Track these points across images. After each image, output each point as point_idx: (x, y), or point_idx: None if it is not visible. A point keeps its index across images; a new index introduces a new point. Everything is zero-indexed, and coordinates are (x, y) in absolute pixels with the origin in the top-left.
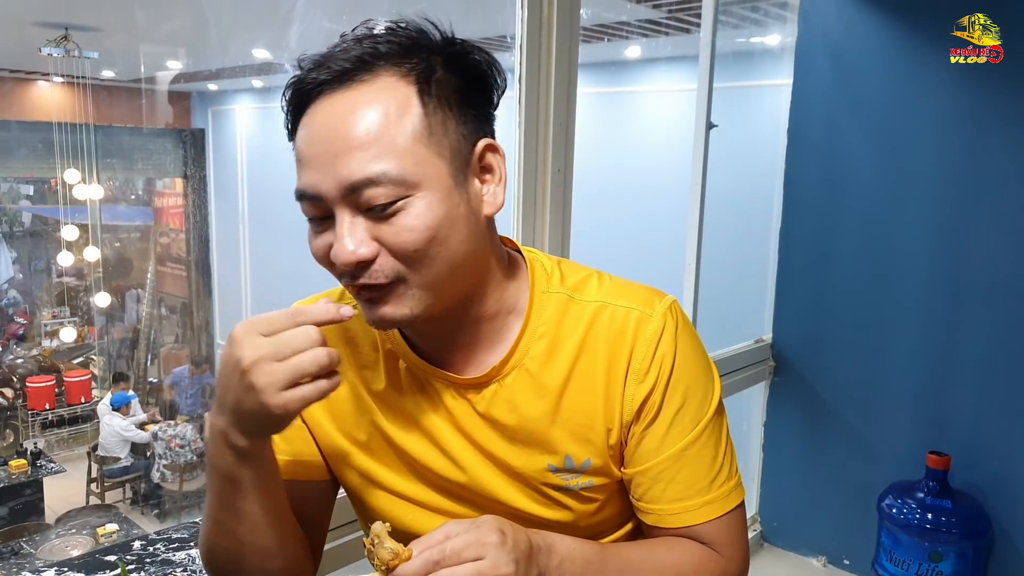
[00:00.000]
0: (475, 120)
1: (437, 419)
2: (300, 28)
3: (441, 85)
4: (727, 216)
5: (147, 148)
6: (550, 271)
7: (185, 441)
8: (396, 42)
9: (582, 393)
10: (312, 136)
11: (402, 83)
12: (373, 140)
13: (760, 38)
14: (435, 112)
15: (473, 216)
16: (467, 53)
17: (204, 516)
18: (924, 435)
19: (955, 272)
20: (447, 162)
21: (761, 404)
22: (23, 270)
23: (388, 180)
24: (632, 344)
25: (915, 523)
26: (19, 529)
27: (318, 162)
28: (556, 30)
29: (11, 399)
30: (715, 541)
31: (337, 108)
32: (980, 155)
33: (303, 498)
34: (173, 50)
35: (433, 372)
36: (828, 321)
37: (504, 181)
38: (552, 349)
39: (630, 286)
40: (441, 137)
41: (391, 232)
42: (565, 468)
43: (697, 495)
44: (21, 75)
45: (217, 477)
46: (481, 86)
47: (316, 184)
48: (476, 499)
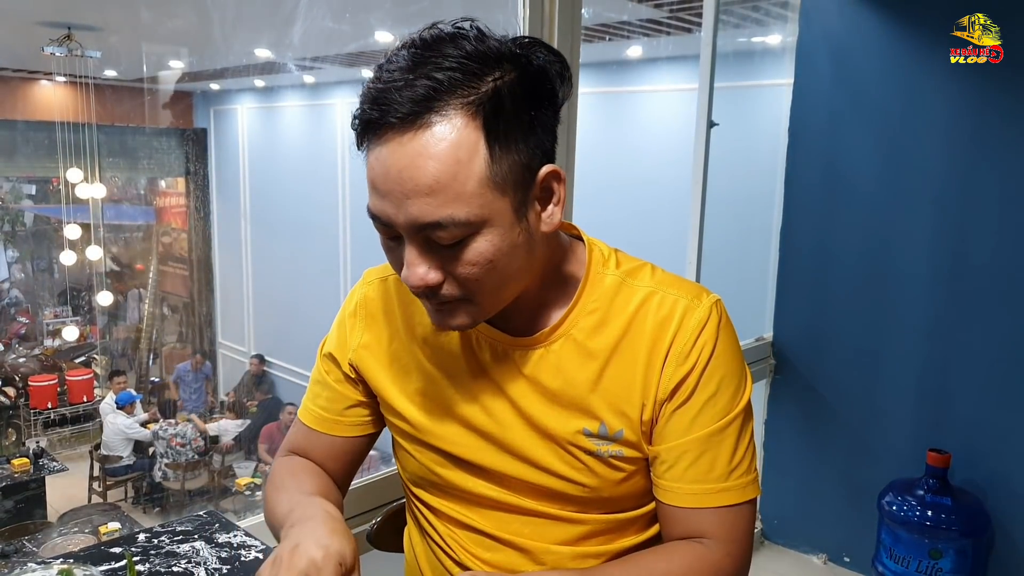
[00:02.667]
0: (537, 143)
1: (484, 377)
2: (302, 27)
3: (507, 115)
4: (728, 215)
5: (149, 147)
6: (607, 256)
7: (186, 440)
8: (458, 69)
9: (623, 367)
10: (387, 174)
11: (470, 126)
12: (442, 188)
13: (761, 38)
14: (502, 152)
15: (532, 239)
16: (531, 59)
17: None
18: (924, 433)
19: (955, 270)
20: (510, 198)
21: (762, 402)
22: (25, 269)
23: (453, 224)
24: (676, 329)
25: (915, 520)
26: (21, 528)
27: (391, 198)
28: (558, 28)
29: (13, 398)
30: (718, 534)
31: (408, 151)
32: (980, 154)
33: (340, 449)
34: (176, 49)
35: (488, 332)
36: (828, 319)
37: (563, 203)
38: (601, 324)
39: (681, 280)
40: (506, 175)
41: (456, 265)
42: (599, 434)
43: (715, 481)
44: (24, 74)
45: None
46: (547, 95)
47: (388, 216)
48: (508, 454)
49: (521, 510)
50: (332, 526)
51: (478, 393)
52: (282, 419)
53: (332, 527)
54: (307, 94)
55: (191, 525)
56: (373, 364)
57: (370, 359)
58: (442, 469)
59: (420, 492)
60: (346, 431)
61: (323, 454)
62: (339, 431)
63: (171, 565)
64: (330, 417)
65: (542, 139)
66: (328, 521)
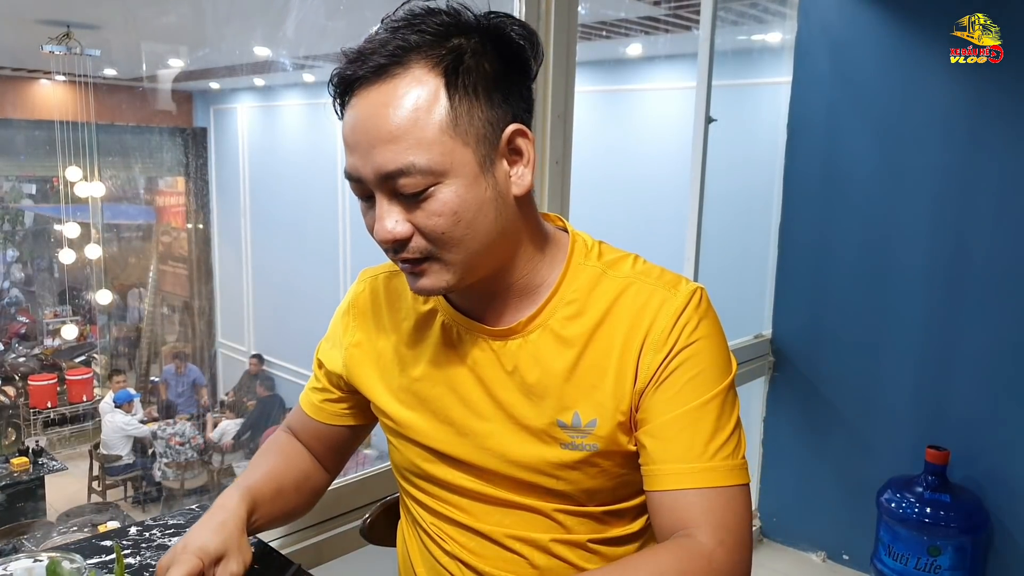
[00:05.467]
0: (504, 104)
1: (463, 370)
2: (301, 26)
3: (469, 73)
4: (727, 212)
5: (149, 146)
6: (590, 247)
7: (185, 439)
8: (428, 31)
9: (598, 355)
10: (354, 125)
11: (431, 75)
12: (402, 133)
13: (760, 35)
14: (462, 102)
15: (501, 198)
16: (501, 30)
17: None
18: (923, 430)
19: (953, 268)
20: (472, 150)
21: (761, 399)
22: (25, 269)
23: (416, 171)
24: (653, 317)
25: (914, 517)
26: (20, 526)
27: (359, 150)
28: (554, 23)
29: (13, 397)
30: (707, 520)
31: (373, 101)
32: (979, 153)
33: (325, 435)
34: (175, 48)
35: (466, 323)
36: (827, 316)
37: (532, 164)
38: (578, 313)
39: (662, 270)
40: (467, 126)
41: (422, 216)
42: (572, 426)
43: (696, 459)
44: (23, 73)
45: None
46: (515, 66)
47: (358, 169)
48: (485, 448)
49: (502, 502)
50: (212, 520)
51: (458, 386)
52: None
53: (210, 522)
54: (307, 93)
55: (183, 518)
56: (363, 361)
57: (361, 356)
58: (425, 463)
59: (407, 485)
60: (329, 419)
61: (310, 436)
62: (323, 418)
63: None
64: (317, 404)
65: (509, 100)
66: (213, 514)
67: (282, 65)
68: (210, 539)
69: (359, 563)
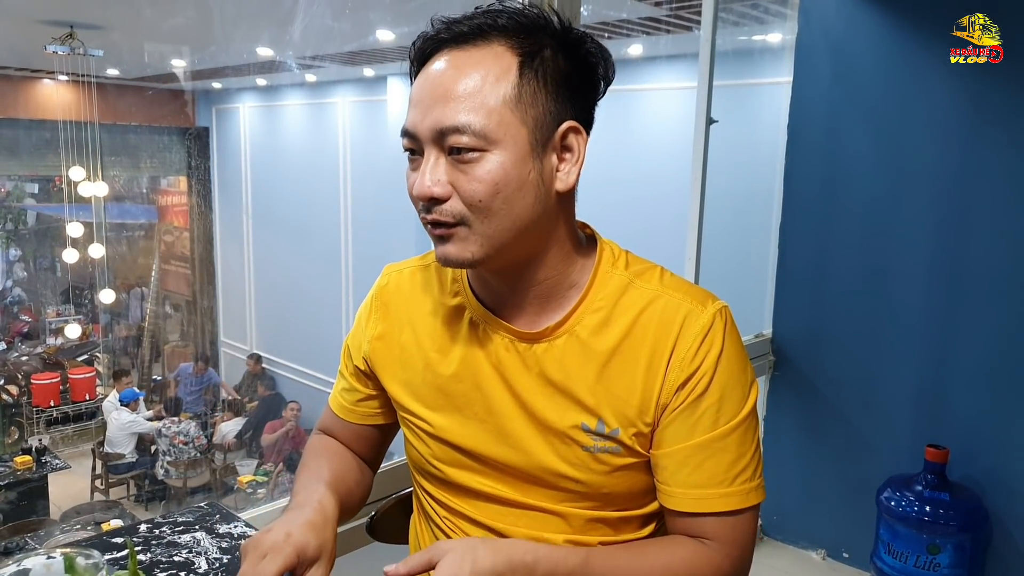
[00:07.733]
0: (568, 102)
1: (487, 367)
2: (303, 25)
3: (544, 64)
4: (728, 212)
5: (151, 146)
6: (617, 255)
7: (188, 438)
8: (516, 20)
9: (624, 368)
10: (423, 83)
11: (509, 54)
12: (467, 96)
13: (761, 36)
14: (530, 84)
15: (543, 187)
16: (580, 43)
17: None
18: (922, 428)
19: (953, 267)
20: (528, 130)
21: (761, 398)
22: (28, 268)
23: (471, 131)
24: (678, 334)
25: (913, 516)
26: (24, 525)
27: (422, 105)
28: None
29: (16, 396)
30: (719, 536)
31: (449, 64)
32: (979, 153)
33: (358, 434)
34: (177, 48)
35: (494, 322)
36: (828, 316)
37: (580, 163)
38: (605, 323)
39: (689, 285)
40: (528, 107)
41: (464, 180)
42: (595, 431)
43: (717, 485)
44: (27, 73)
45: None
46: (585, 75)
47: (415, 123)
48: (506, 444)
49: (517, 504)
50: (310, 518)
51: (481, 383)
52: (285, 416)
53: (309, 519)
54: (309, 93)
55: (192, 516)
56: (385, 355)
57: (383, 350)
58: (440, 463)
59: (423, 481)
60: (360, 419)
61: (346, 437)
62: (355, 419)
63: (172, 555)
64: (347, 406)
65: (574, 101)
66: (310, 513)
67: (287, 65)
68: (311, 540)
69: (364, 560)
